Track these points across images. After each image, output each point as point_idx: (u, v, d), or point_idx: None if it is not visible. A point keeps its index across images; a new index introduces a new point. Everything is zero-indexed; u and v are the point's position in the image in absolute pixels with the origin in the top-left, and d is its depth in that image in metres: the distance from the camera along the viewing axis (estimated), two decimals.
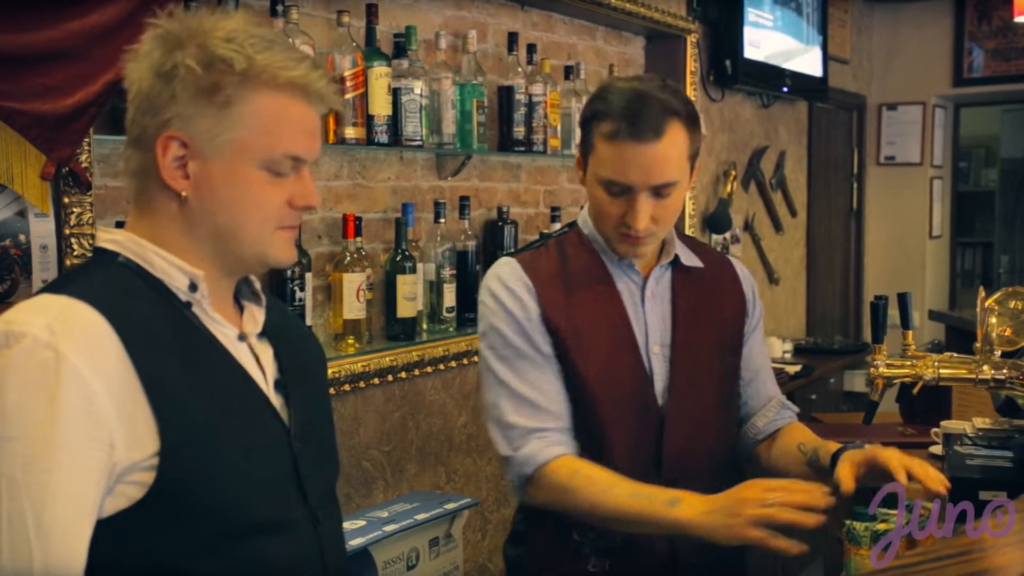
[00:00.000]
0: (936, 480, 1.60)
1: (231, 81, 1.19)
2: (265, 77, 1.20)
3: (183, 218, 1.23)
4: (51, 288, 1.21)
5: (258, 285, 1.36)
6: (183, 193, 1.22)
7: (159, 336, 1.19)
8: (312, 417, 1.35)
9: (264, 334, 1.34)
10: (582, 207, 1.88)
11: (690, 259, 1.85)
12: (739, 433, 1.96)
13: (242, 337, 1.29)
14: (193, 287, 1.24)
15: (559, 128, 3.23)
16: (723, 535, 1.51)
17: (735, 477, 1.84)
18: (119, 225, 1.32)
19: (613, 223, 1.71)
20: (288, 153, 1.23)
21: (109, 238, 1.26)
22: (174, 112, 1.19)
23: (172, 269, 1.23)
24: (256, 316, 1.33)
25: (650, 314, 1.79)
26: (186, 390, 1.18)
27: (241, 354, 1.28)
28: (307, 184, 1.27)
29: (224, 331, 1.27)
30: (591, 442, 1.72)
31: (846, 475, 1.63)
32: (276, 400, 1.30)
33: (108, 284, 1.20)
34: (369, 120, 2.57)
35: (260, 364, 1.30)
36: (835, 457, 1.71)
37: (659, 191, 1.67)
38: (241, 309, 1.33)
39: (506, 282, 1.75)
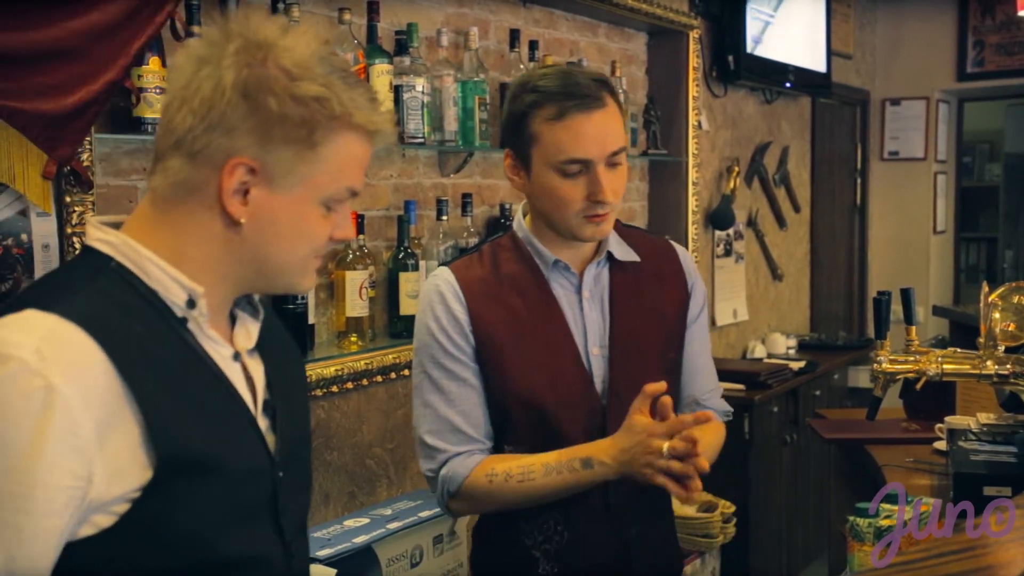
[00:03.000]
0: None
1: (322, 122, 1.15)
2: (353, 121, 1.17)
3: (225, 241, 1.17)
4: (38, 301, 1.10)
5: (257, 297, 1.30)
6: (240, 219, 1.16)
7: (153, 360, 1.12)
8: (295, 440, 1.30)
9: (255, 348, 1.27)
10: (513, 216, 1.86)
11: (626, 254, 1.81)
12: None
13: (236, 356, 1.23)
14: (191, 303, 1.17)
15: None
16: (637, 480, 1.61)
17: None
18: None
19: (576, 207, 1.68)
20: (350, 190, 1.22)
21: (103, 238, 1.18)
22: (254, 138, 1.13)
23: (170, 282, 1.16)
24: (250, 330, 1.27)
25: (588, 315, 1.76)
26: (181, 420, 1.12)
27: (234, 374, 1.22)
28: (348, 218, 1.25)
29: (220, 350, 1.21)
30: (547, 445, 1.71)
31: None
32: (263, 422, 1.24)
33: (99, 298, 1.12)
34: None
35: (251, 385, 1.24)
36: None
37: (612, 160, 1.67)
38: (233, 320, 1.27)
39: (440, 297, 1.74)
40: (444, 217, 2.85)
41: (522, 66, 3.10)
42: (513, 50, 3.12)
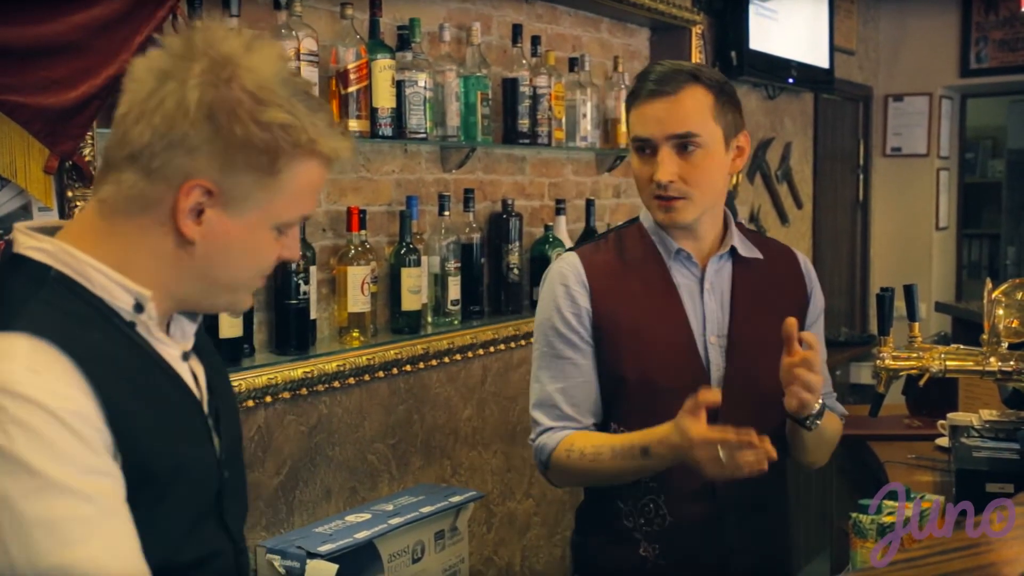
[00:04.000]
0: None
1: (286, 150, 1.13)
2: (317, 149, 1.16)
3: (175, 259, 1.16)
4: None
5: None
6: (193, 239, 1.14)
7: (115, 366, 1.11)
8: (234, 440, 1.29)
9: (195, 350, 1.26)
10: None
11: (749, 250, 1.89)
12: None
13: (185, 356, 1.22)
14: (139, 307, 1.15)
15: (564, 120, 3.22)
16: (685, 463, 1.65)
17: (784, 467, 1.90)
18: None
19: (646, 187, 1.80)
20: (304, 216, 1.23)
21: (35, 245, 1.14)
22: (215, 161, 1.11)
23: (115, 287, 1.14)
24: (186, 330, 1.25)
25: (708, 305, 1.84)
26: (149, 430, 1.11)
27: (186, 375, 1.21)
28: (296, 239, 1.24)
29: (170, 351, 1.20)
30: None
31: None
32: (209, 422, 1.24)
33: (51, 310, 1.09)
34: (373, 113, 2.56)
35: (198, 384, 1.24)
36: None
37: (681, 145, 1.76)
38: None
39: (562, 279, 1.85)
40: (446, 212, 2.85)
41: (524, 61, 3.09)
42: (516, 45, 3.11)
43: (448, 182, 3.00)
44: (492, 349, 2.99)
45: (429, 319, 2.85)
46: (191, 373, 1.23)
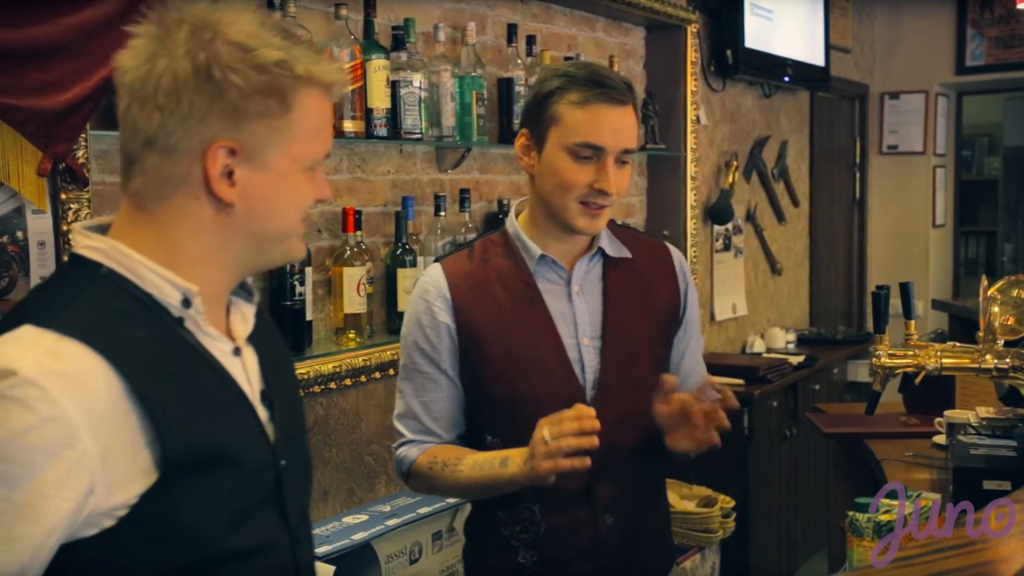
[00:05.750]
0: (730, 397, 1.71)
1: (289, 86, 1.15)
2: (315, 77, 1.17)
3: (219, 226, 1.17)
4: (33, 317, 1.10)
5: (250, 280, 1.30)
6: (231, 201, 1.16)
7: (155, 363, 1.12)
8: (293, 429, 1.30)
9: (250, 338, 1.27)
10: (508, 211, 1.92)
11: (618, 250, 1.86)
12: None
13: (237, 351, 1.23)
14: (186, 303, 1.16)
15: None
16: (533, 478, 1.63)
17: (660, 466, 1.89)
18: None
19: (578, 192, 1.73)
20: (326, 152, 1.24)
21: (90, 245, 1.17)
22: (226, 119, 1.13)
23: (164, 284, 1.15)
24: (246, 313, 1.27)
25: (579, 307, 1.81)
26: (186, 419, 1.12)
27: (235, 369, 1.22)
28: (323, 179, 1.26)
29: (219, 346, 1.21)
30: (527, 436, 1.69)
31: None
32: (262, 413, 1.24)
33: (94, 308, 1.12)
34: (368, 113, 2.56)
35: (248, 376, 1.24)
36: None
37: (622, 158, 1.74)
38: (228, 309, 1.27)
39: (424, 293, 1.82)
40: (442, 213, 2.85)
41: (519, 61, 3.09)
42: (511, 45, 3.11)
43: (444, 182, 2.99)
44: None
45: None
46: (241, 366, 1.24)
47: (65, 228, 2.00)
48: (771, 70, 4.64)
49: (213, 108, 1.12)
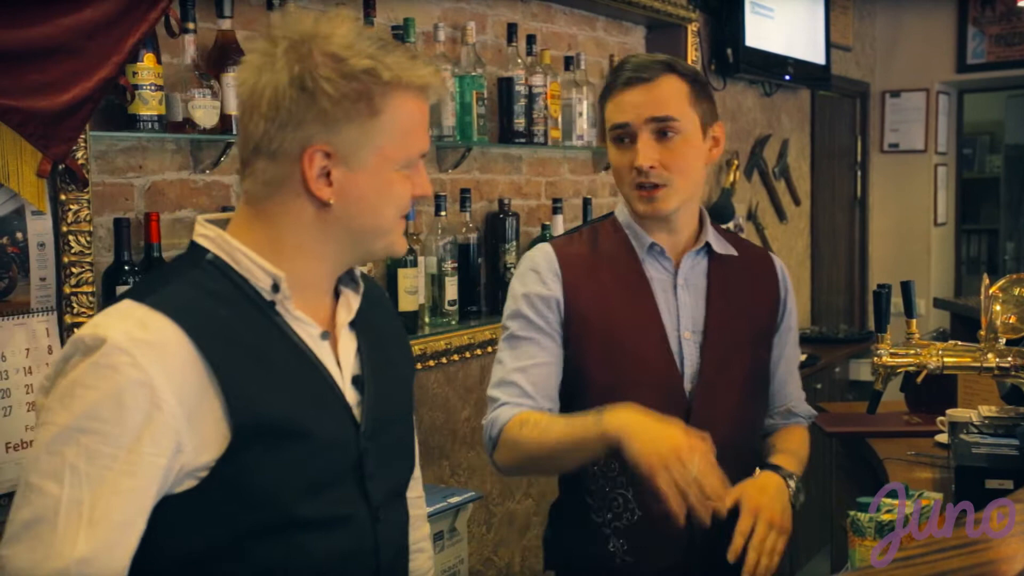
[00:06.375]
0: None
1: (377, 91, 1.24)
2: (403, 81, 1.26)
3: (319, 222, 1.28)
4: (135, 293, 1.24)
5: (358, 271, 1.40)
6: (329, 200, 1.26)
7: (235, 338, 1.23)
8: (388, 413, 1.38)
9: (352, 324, 1.37)
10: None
11: (724, 247, 1.88)
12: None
13: (325, 335, 1.32)
14: (275, 287, 1.27)
15: (560, 119, 3.22)
16: (641, 455, 1.52)
17: (752, 466, 1.88)
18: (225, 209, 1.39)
19: (626, 177, 1.78)
20: (421, 151, 1.32)
21: (203, 233, 1.31)
22: (320, 124, 1.24)
23: (256, 269, 1.27)
24: (351, 303, 1.37)
25: (682, 300, 1.83)
26: (259, 390, 1.22)
27: (322, 351, 1.31)
28: (423, 175, 1.34)
29: (308, 329, 1.30)
30: None
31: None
32: (352, 396, 1.33)
33: (189, 287, 1.25)
34: None
35: (339, 360, 1.34)
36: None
37: (660, 131, 1.75)
38: (337, 296, 1.37)
39: (534, 265, 1.83)
40: (443, 212, 2.84)
41: (519, 60, 3.09)
42: (511, 44, 3.11)
43: (444, 182, 2.99)
44: (490, 349, 2.99)
45: (426, 319, 2.84)
46: (331, 350, 1.33)
47: (65, 229, 2.00)
48: (772, 69, 4.64)
49: (308, 115, 1.23)
